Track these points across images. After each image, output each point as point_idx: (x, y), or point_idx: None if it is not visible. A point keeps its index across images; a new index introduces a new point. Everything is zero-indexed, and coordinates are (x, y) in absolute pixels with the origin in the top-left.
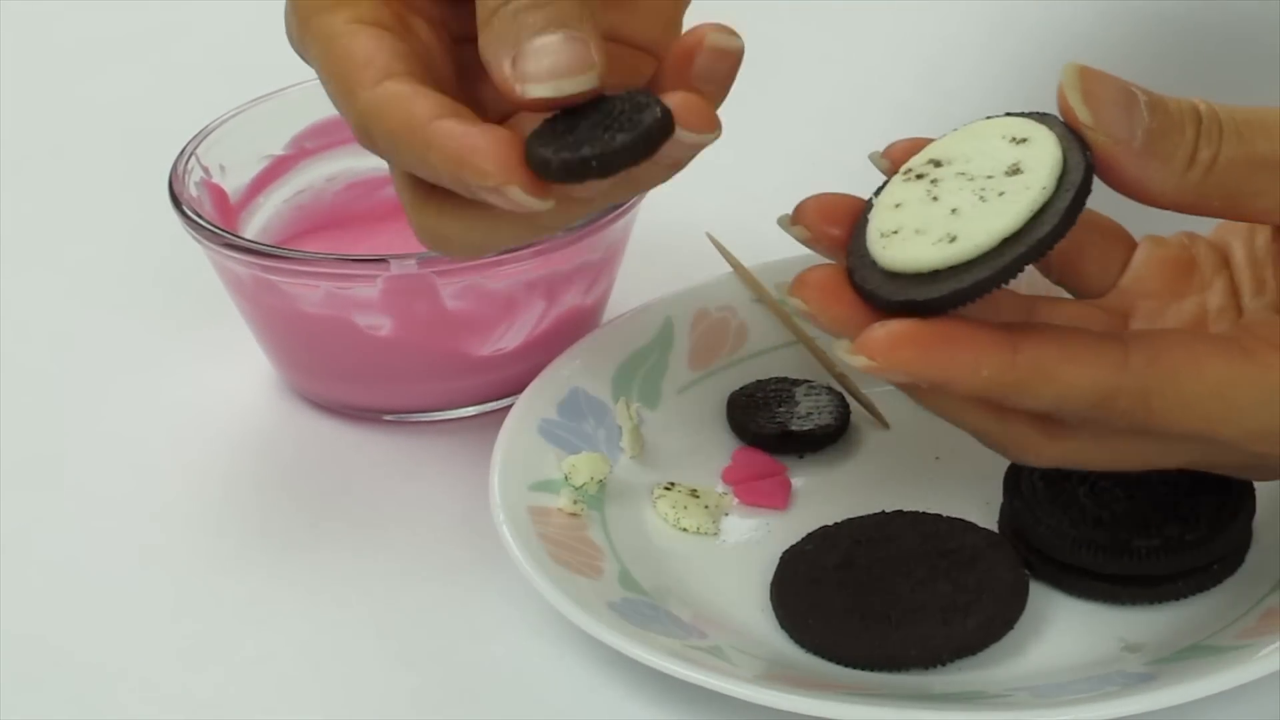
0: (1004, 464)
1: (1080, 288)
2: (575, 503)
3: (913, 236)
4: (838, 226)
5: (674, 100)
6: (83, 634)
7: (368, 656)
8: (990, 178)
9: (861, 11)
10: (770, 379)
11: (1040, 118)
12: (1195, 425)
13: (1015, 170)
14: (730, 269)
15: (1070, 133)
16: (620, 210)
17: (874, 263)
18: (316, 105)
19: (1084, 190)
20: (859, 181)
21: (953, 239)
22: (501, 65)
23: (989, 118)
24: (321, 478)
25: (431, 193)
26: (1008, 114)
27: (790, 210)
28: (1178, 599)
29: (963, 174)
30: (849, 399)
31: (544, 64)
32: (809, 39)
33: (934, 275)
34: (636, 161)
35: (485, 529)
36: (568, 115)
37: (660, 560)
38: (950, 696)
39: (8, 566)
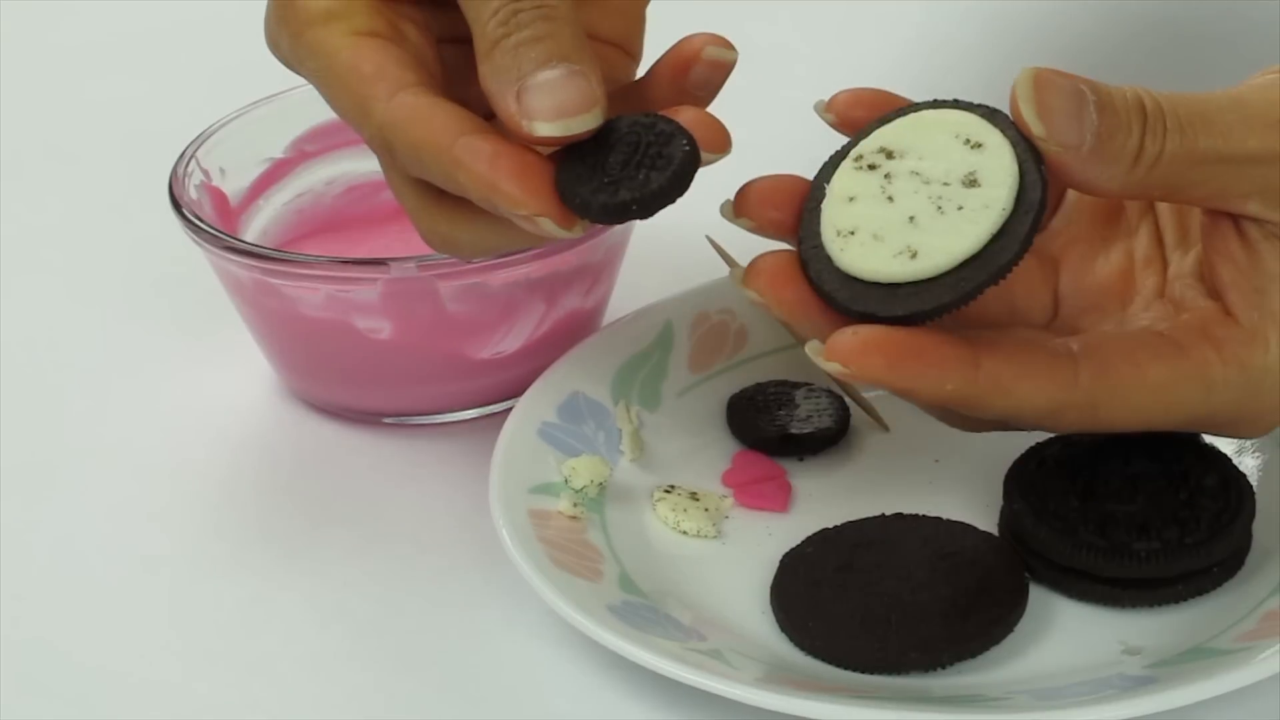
0: (1004, 467)
1: None
2: (575, 505)
3: (871, 242)
4: (781, 211)
5: (688, 119)
6: (83, 637)
7: (367, 659)
8: (947, 185)
9: (863, 14)
10: (770, 382)
11: (991, 115)
12: (1138, 424)
13: (973, 181)
14: (730, 272)
15: (1023, 138)
16: None
17: (829, 259)
18: (316, 109)
19: (1041, 210)
20: None
21: (913, 254)
22: (506, 100)
23: (937, 104)
24: (321, 481)
25: (441, 198)
26: (956, 102)
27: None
28: (1177, 602)
29: (917, 174)
30: (849, 402)
31: (549, 101)
32: (810, 41)
33: (894, 288)
34: (673, 200)
35: (485, 532)
36: (592, 144)
37: (660, 563)
38: (950, 699)
39: (9, 570)
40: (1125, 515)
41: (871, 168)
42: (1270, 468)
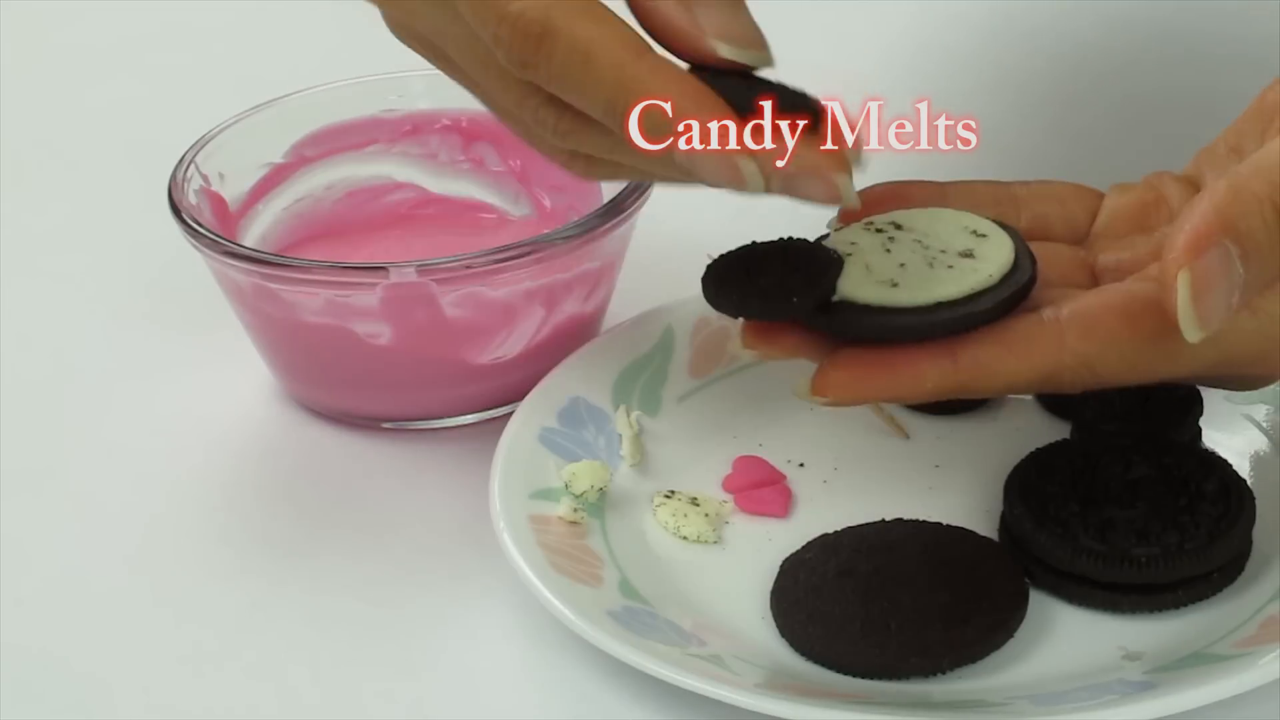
0: (1004, 472)
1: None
2: (575, 511)
3: (861, 271)
4: (893, 203)
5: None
6: (82, 642)
7: (368, 664)
8: (944, 252)
9: (867, 27)
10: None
11: (1001, 224)
12: (1143, 377)
13: (968, 254)
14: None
15: (1024, 244)
16: (619, 218)
17: None
18: (316, 113)
19: (1024, 291)
20: None
21: (894, 284)
22: (672, 8)
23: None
24: (321, 486)
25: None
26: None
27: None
28: (1177, 607)
29: (919, 241)
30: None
31: (725, 23)
32: (813, 55)
33: (865, 309)
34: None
35: (485, 537)
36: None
37: (660, 568)
38: (950, 704)
39: (7, 574)
40: (1125, 520)
41: (878, 231)
42: (1270, 473)
